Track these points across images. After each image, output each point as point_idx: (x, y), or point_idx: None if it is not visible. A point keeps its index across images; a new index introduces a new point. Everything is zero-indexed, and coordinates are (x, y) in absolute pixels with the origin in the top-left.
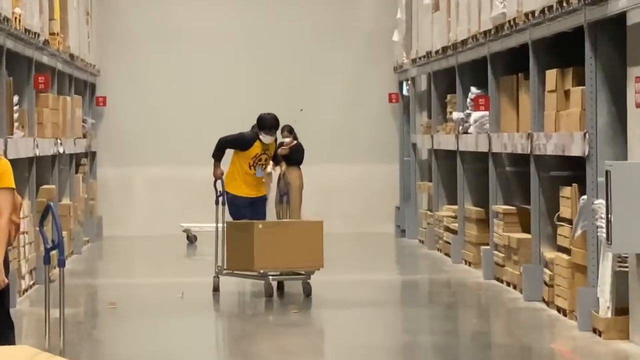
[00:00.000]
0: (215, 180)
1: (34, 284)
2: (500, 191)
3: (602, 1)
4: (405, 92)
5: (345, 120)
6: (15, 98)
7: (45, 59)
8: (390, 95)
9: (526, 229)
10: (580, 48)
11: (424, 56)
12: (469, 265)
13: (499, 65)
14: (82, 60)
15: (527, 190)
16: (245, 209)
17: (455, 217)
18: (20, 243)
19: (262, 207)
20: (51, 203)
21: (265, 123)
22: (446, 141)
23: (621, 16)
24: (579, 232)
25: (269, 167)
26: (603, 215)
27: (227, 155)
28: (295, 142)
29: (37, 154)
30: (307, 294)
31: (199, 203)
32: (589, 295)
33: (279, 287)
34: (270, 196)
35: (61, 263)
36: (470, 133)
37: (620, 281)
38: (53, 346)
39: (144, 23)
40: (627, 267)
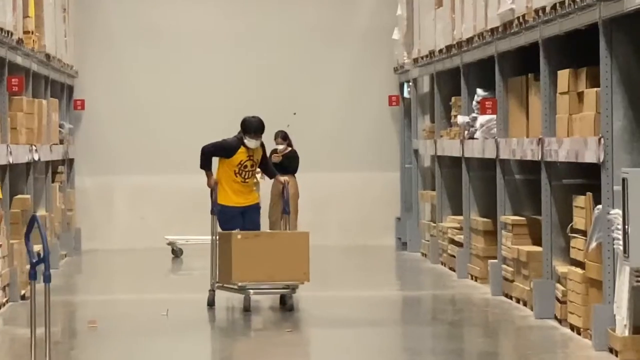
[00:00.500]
0: (210, 190)
1: (8, 301)
2: (508, 201)
3: None
4: (406, 95)
5: (342, 124)
6: None
7: (19, 60)
8: (390, 97)
9: (537, 241)
10: (594, 47)
11: (427, 56)
12: (475, 280)
13: (507, 65)
14: (59, 60)
15: (538, 199)
16: (235, 219)
17: (460, 229)
18: None
19: (255, 216)
20: (36, 214)
21: (249, 127)
22: (450, 147)
23: (639, 12)
24: (594, 245)
25: (258, 176)
26: (619, 226)
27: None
28: (289, 149)
29: (11, 162)
30: (290, 309)
31: (185, 214)
32: (605, 312)
33: (282, 302)
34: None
35: (47, 279)
36: (476, 138)
37: (638, 297)
38: None
39: (126, 21)
40: None
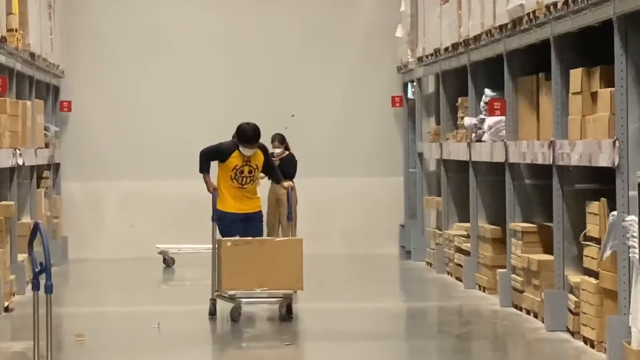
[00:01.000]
0: (212, 197)
1: None
2: (518, 207)
3: None
4: (410, 95)
5: (342, 127)
6: None
7: (2, 59)
8: (393, 98)
9: (548, 250)
10: (608, 44)
11: (432, 54)
12: (484, 290)
13: (517, 64)
14: (44, 60)
15: (549, 205)
16: (235, 226)
17: (467, 237)
18: None
19: (257, 225)
20: (39, 222)
21: (243, 135)
22: (457, 150)
23: None
24: (608, 253)
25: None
26: (635, 233)
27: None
28: (286, 153)
29: None
30: (282, 319)
31: (177, 222)
32: (620, 324)
33: (288, 311)
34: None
35: (48, 289)
36: (484, 141)
37: None
38: None
39: (114, 19)
40: None
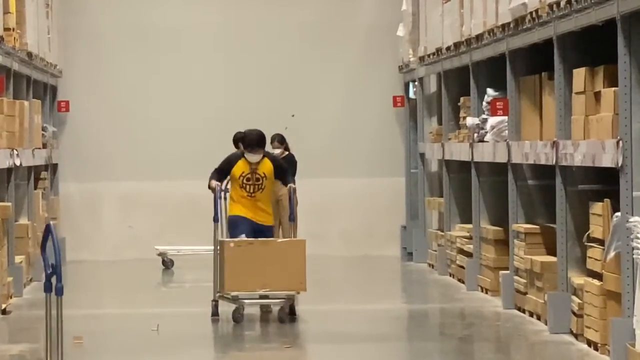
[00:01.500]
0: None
1: None
2: (521, 208)
3: None
4: (411, 95)
5: (343, 127)
6: None
7: None
8: (394, 98)
9: (551, 251)
10: (612, 43)
11: (434, 53)
12: (486, 292)
13: (520, 63)
14: (42, 59)
15: (552, 206)
16: (242, 223)
17: (469, 238)
18: None
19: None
20: (51, 223)
21: (247, 140)
22: (459, 151)
23: None
24: (612, 255)
25: None
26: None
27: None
28: (286, 153)
29: None
30: (282, 320)
31: (177, 223)
32: (624, 326)
33: (291, 312)
34: None
35: (59, 291)
36: (486, 141)
37: None
38: None
39: (113, 18)
40: None
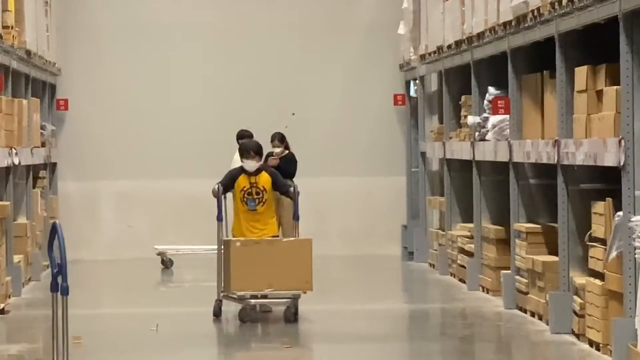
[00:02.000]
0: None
1: None
2: (522, 207)
3: None
4: (412, 93)
5: (343, 126)
6: None
7: None
8: (395, 96)
9: (553, 251)
10: (614, 42)
11: (435, 52)
12: (487, 292)
13: (521, 61)
14: (41, 57)
15: (554, 205)
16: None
17: (471, 237)
18: None
19: None
20: (57, 222)
21: (243, 148)
22: (460, 149)
23: None
24: (614, 254)
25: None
26: None
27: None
28: (286, 152)
29: None
30: (288, 320)
31: (176, 223)
32: (626, 326)
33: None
34: None
35: (64, 291)
36: (488, 140)
37: None
38: None
39: (112, 15)
40: None
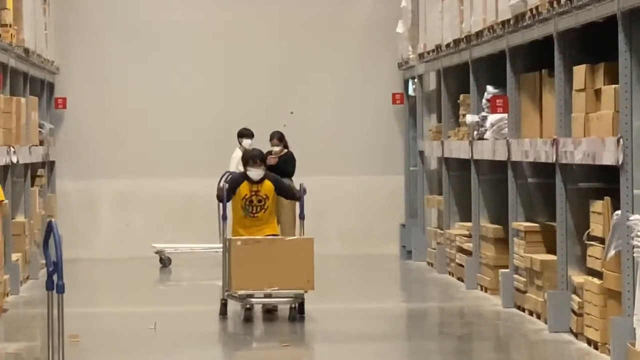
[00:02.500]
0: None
1: None
2: (521, 206)
3: None
4: (411, 92)
5: (342, 124)
6: None
7: None
8: (394, 95)
9: (551, 250)
10: (613, 40)
11: (433, 50)
12: (485, 291)
13: (520, 60)
14: (39, 55)
15: (552, 204)
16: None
17: (469, 236)
18: None
19: None
20: (53, 220)
21: (249, 156)
22: (458, 148)
23: None
24: (612, 253)
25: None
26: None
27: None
28: (285, 151)
29: None
30: (293, 319)
31: (174, 221)
32: (624, 325)
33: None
34: None
35: (60, 289)
36: (486, 139)
37: None
38: None
39: (111, 14)
40: None
